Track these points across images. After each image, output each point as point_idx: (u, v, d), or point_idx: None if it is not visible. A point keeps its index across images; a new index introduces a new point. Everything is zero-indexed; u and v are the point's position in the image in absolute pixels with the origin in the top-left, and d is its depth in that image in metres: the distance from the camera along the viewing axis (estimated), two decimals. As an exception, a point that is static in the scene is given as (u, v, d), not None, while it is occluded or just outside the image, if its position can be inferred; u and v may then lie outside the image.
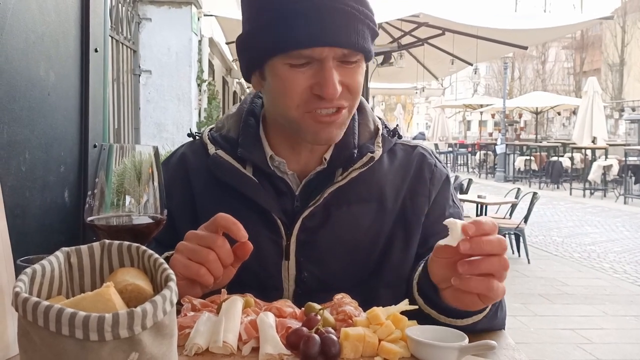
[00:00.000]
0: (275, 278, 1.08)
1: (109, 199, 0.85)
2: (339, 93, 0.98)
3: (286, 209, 1.10)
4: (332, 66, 0.97)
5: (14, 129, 1.07)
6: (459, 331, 0.82)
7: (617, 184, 14.36)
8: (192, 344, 0.80)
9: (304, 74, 0.99)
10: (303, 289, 1.08)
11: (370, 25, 1.01)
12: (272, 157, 1.12)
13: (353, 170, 1.09)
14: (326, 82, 0.97)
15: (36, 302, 0.56)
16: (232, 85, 13.43)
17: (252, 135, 1.14)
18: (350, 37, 0.97)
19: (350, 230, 1.09)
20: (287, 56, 0.98)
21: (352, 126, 1.13)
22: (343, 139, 1.10)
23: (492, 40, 8.25)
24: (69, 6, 1.29)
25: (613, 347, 4.37)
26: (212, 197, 1.12)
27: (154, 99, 6.29)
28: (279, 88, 1.02)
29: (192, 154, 1.19)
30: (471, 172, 22.88)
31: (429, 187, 1.15)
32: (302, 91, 0.99)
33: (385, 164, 1.14)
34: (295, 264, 1.08)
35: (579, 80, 35.90)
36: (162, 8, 6.27)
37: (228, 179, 1.10)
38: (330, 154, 1.11)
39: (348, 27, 0.97)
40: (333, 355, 0.78)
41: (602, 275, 6.68)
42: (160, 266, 0.67)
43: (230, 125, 1.17)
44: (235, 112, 1.20)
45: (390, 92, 24.18)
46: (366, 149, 1.11)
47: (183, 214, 1.13)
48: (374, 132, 1.16)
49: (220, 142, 1.15)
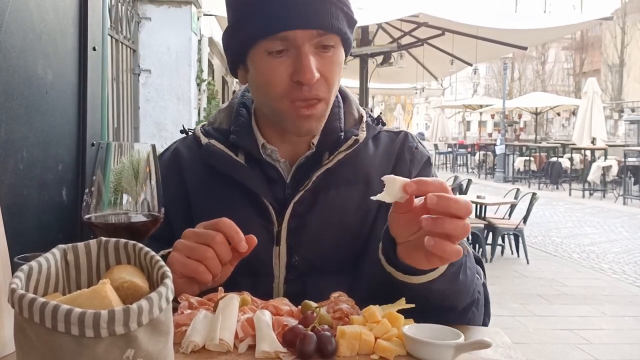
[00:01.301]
0: (267, 264, 1.09)
1: (106, 197, 0.85)
2: (316, 77, 1.00)
3: (277, 196, 1.12)
4: (308, 51, 1.00)
5: (12, 126, 1.07)
6: (455, 329, 0.83)
7: (617, 185, 14.38)
8: (188, 342, 0.80)
9: (283, 63, 1.01)
10: (294, 274, 1.09)
11: (345, 10, 1.04)
12: (264, 146, 1.14)
13: (339, 152, 1.12)
14: (303, 67, 0.99)
15: (32, 298, 0.56)
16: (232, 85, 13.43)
17: (244, 124, 1.16)
18: (322, 18, 0.99)
19: (338, 212, 1.11)
20: (265, 43, 1.01)
21: (337, 112, 1.16)
22: (330, 125, 1.13)
23: (491, 41, 8.26)
24: (67, 4, 1.29)
25: (611, 348, 4.37)
26: (206, 188, 1.14)
27: (153, 98, 6.29)
28: (261, 79, 1.05)
29: (185, 149, 1.21)
30: (470, 172, 22.89)
31: (409, 167, 1.18)
32: (283, 80, 1.02)
33: (371, 149, 1.18)
34: (286, 250, 1.10)
35: (578, 81, 35.91)
36: (161, 7, 6.27)
37: (220, 166, 1.12)
38: (317, 139, 1.14)
39: (321, 10, 0.99)
40: (329, 353, 0.78)
41: (600, 276, 6.68)
42: (156, 263, 0.67)
43: (222, 119, 1.20)
44: (227, 106, 1.23)
45: (390, 92, 24.17)
46: (351, 133, 1.14)
47: (177, 208, 1.14)
48: (358, 119, 1.20)
49: (212, 133, 1.17)
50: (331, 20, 1.00)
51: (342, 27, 1.03)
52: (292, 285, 1.09)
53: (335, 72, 1.05)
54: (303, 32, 0.99)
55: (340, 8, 1.02)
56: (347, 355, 0.80)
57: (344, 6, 1.03)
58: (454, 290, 0.96)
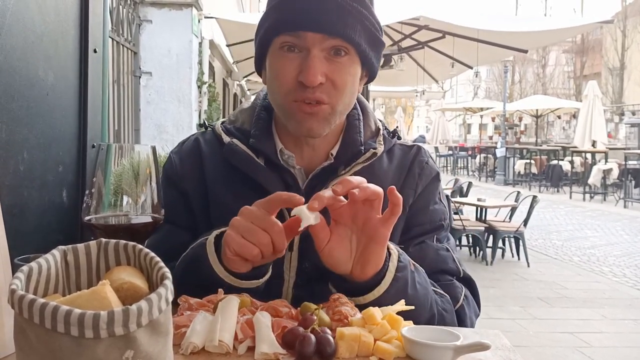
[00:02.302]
0: (279, 268, 1.10)
1: (106, 199, 0.85)
2: (318, 81, 1.01)
3: None
4: (316, 54, 1.02)
5: (13, 128, 1.07)
6: (454, 331, 0.83)
7: (617, 188, 14.37)
8: (188, 343, 0.80)
9: (292, 62, 1.03)
10: (303, 280, 1.11)
11: (367, 25, 1.05)
12: (282, 151, 1.15)
13: (356, 164, 1.14)
14: (307, 68, 1.01)
15: (32, 299, 0.56)
16: (233, 88, 13.45)
17: (265, 128, 1.17)
18: (336, 25, 1.01)
19: None
20: (282, 37, 1.04)
21: (357, 125, 1.18)
22: (350, 137, 1.16)
23: (492, 44, 8.25)
24: (68, 6, 1.30)
25: (612, 351, 4.37)
26: (225, 183, 1.15)
27: (154, 100, 6.30)
28: (272, 75, 1.08)
29: (205, 142, 1.22)
30: (471, 175, 22.89)
31: (416, 181, 1.20)
32: (290, 78, 1.04)
33: (385, 163, 1.19)
34: (298, 255, 1.11)
35: (579, 84, 35.89)
36: (162, 10, 6.29)
37: (242, 167, 1.13)
38: (337, 150, 1.15)
39: (338, 18, 1.01)
40: (328, 354, 0.79)
41: (601, 279, 6.68)
42: (156, 265, 0.67)
43: (245, 119, 1.21)
44: (249, 106, 1.24)
45: (391, 95, 24.20)
46: (369, 146, 1.16)
47: (198, 197, 1.16)
48: (375, 131, 1.22)
49: (234, 133, 1.18)
50: (344, 30, 1.02)
51: (356, 37, 1.03)
52: (301, 290, 1.10)
53: (346, 80, 1.06)
54: (314, 35, 1.01)
55: (360, 21, 1.04)
56: (346, 357, 0.80)
57: (366, 21, 1.05)
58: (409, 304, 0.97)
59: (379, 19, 1.09)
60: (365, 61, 1.09)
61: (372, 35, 1.06)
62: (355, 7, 1.02)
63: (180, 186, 1.18)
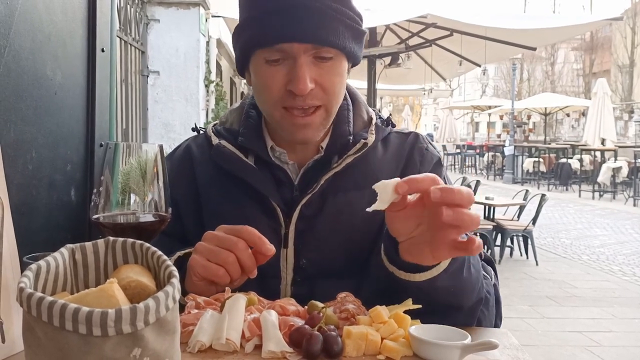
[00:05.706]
0: (274, 266, 1.09)
1: (114, 197, 0.86)
2: (309, 89, 1.01)
3: (285, 198, 1.12)
4: (303, 62, 1.00)
5: (21, 127, 1.08)
6: (462, 330, 0.82)
7: (627, 186, 14.26)
8: (195, 341, 0.80)
9: (279, 71, 1.02)
10: (301, 277, 1.09)
11: (347, 22, 1.03)
12: (273, 148, 1.15)
13: (348, 156, 1.12)
14: (297, 77, 1.00)
15: (40, 297, 0.56)
16: (240, 86, 13.46)
17: (254, 126, 1.17)
18: (318, 33, 0.99)
19: (346, 216, 1.11)
20: (263, 52, 1.02)
21: (346, 115, 1.16)
22: (338, 128, 1.14)
23: (500, 41, 8.23)
24: (75, 6, 1.30)
25: (621, 350, 4.34)
26: (216, 187, 1.15)
27: (161, 99, 6.32)
28: (259, 84, 1.07)
29: (196, 147, 1.23)
30: (479, 173, 22.80)
31: (418, 169, 1.16)
32: (278, 88, 1.03)
33: (380, 152, 1.17)
34: (294, 252, 1.10)
35: (588, 82, 35.69)
36: (170, 9, 6.30)
37: (230, 167, 1.13)
38: (326, 142, 1.14)
39: (318, 24, 0.99)
40: (335, 353, 0.78)
41: (610, 278, 6.63)
42: (163, 263, 0.67)
43: (234, 119, 1.21)
44: (238, 106, 1.24)
45: (398, 93, 24.15)
46: (360, 137, 1.14)
47: (188, 204, 1.16)
48: (367, 121, 1.20)
49: (223, 134, 1.18)
50: (327, 36, 1.00)
51: (340, 42, 1.02)
52: (299, 287, 1.09)
53: (335, 82, 1.05)
54: (299, 45, 1.00)
55: (341, 21, 1.02)
56: (353, 356, 0.80)
57: (347, 19, 1.03)
58: (459, 288, 0.95)
59: (359, 11, 1.07)
60: (350, 56, 1.08)
61: (354, 30, 1.05)
62: (336, 8, 1.01)
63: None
